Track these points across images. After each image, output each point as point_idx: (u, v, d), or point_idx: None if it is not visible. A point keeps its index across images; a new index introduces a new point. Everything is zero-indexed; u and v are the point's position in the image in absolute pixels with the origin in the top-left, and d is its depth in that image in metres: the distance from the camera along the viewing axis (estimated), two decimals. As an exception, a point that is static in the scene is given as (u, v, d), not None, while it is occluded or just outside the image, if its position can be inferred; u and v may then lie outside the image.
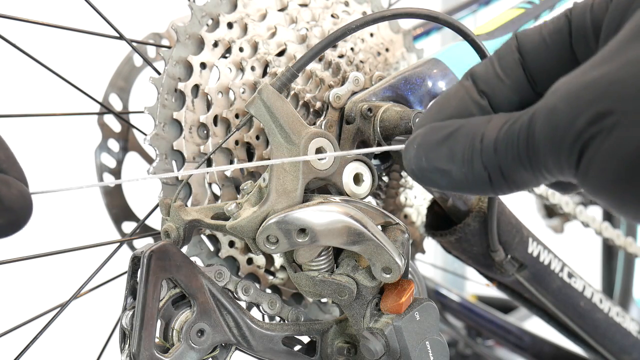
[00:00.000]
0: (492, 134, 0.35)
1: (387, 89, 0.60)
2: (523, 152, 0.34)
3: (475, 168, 0.36)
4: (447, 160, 0.37)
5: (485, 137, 0.35)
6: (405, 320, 0.53)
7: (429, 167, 0.38)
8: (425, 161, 0.38)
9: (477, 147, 0.36)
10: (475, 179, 0.36)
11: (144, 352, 0.50)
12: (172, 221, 0.56)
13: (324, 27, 0.66)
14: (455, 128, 0.37)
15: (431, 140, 0.38)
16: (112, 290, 0.66)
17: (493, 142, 0.35)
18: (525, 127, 0.34)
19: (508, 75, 0.39)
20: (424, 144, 0.38)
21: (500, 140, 0.35)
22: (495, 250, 0.65)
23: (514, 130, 0.34)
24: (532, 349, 1.08)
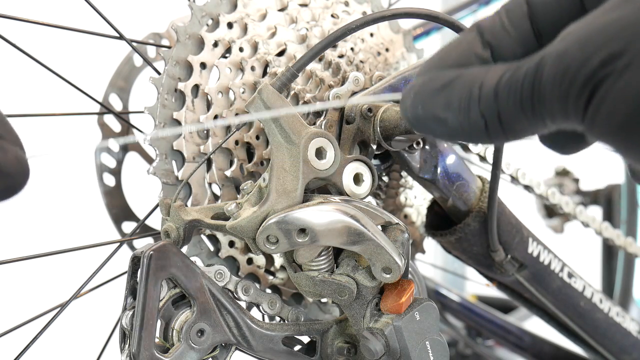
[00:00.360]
0: (493, 81, 0.35)
1: (387, 89, 0.60)
2: (527, 97, 0.34)
3: (472, 116, 0.36)
4: (443, 108, 0.37)
5: (485, 84, 0.35)
6: (405, 320, 0.53)
7: (426, 115, 0.38)
8: (422, 109, 0.38)
9: (475, 94, 0.35)
10: (472, 127, 0.36)
11: (144, 352, 0.50)
12: (172, 221, 0.56)
13: (324, 27, 0.66)
14: (454, 76, 0.37)
15: (429, 89, 0.38)
16: (112, 290, 0.66)
17: (493, 88, 0.35)
18: (532, 72, 0.33)
19: (515, 27, 0.39)
20: (421, 92, 0.38)
21: (502, 86, 0.35)
22: (495, 250, 0.65)
23: (519, 76, 0.34)
24: (532, 349, 1.08)
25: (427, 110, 0.37)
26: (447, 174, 0.63)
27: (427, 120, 0.38)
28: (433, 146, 0.63)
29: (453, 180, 0.64)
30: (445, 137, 0.39)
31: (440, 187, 0.63)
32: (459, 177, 0.64)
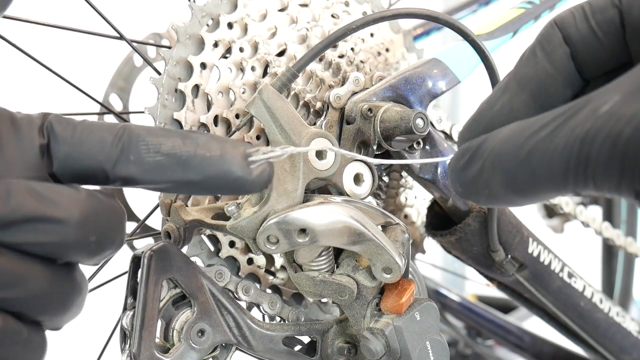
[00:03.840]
0: (509, 150, 0.34)
1: (388, 89, 0.60)
2: (567, 170, 0.32)
3: (494, 188, 0.35)
4: (472, 184, 0.36)
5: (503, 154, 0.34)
6: (406, 320, 0.53)
7: (465, 192, 0.38)
8: (460, 186, 0.38)
9: (491, 166, 0.35)
10: (498, 197, 0.36)
11: (144, 352, 0.50)
12: (173, 221, 0.56)
13: (324, 27, 0.66)
14: (474, 149, 0.36)
15: (458, 167, 0.37)
16: (112, 290, 0.66)
17: (513, 159, 0.34)
18: (576, 146, 0.32)
19: (560, 71, 0.38)
20: (454, 170, 0.38)
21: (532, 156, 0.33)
22: (495, 250, 0.65)
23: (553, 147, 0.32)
24: (532, 349, 1.08)
25: (463, 187, 0.37)
26: (447, 174, 0.63)
27: (467, 195, 0.38)
28: (433, 146, 0.63)
29: (453, 180, 0.63)
30: (491, 205, 0.39)
31: (441, 187, 0.63)
32: (459, 177, 0.64)
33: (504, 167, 0.34)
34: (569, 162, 0.32)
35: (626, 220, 1.26)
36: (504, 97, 0.39)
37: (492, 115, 0.39)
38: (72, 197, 0.38)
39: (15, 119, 0.39)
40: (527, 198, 0.35)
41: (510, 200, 0.36)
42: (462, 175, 0.37)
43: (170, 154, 0.40)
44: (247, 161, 0.41)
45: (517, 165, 0.34)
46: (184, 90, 0.59)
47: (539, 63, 0.38)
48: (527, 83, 0.38)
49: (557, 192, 0.34)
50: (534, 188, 0.34)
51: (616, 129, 0.30)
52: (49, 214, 0.37)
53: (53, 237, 0.37)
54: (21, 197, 0.36)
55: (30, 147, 0.39)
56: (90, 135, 0.40)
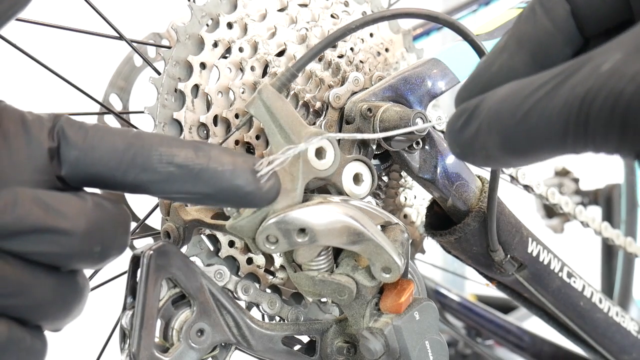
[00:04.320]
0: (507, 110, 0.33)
1: (387, 89, 0.60)
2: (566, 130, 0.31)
3: (491, 149, 0.34)
4: (469, 145, 0.36)
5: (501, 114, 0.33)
6: (405, 320, 0.53)
7: (462, 153, 0.37)
8: (457, 147, 0.37)
9: (488, 126, 0.34)
10: (495, 158, 0.35)
11: (143, 352, 0.50)
12: (172, 221, 0.56)
13: (324, 27, 0.66)
14: (471, 109, 0.35)
15: (455, 127, 0.36)
16: (112, 290, 0.66)
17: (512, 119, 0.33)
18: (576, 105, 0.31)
19: (560, 29, 0.37)
20: (451, 132, 0.37)
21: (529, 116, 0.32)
22: (495, 250, 0.65)
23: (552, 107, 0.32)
24: (532, 349, 1.08)
25: (460, 148, 0.36)
26: (447, 174, 0.63)
27: (465, 156, 0.37)
28: (433, 146, 0.63)
29: (452, 180, 0.64)
30: (488, 166, 0.38)
31: (440, 187, 0.63)
32: (458, 177, 0.64)
33: (500, 128, 0.34)
34: (568, 121, 0.31)
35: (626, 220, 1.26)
36: (503, 56, 0.38)
37: (490, 75, 0.38)
38: (78, 207, 0.38)
39: (26, 121, 0.39)
40: (523, 159, 0.34)
41: (507, 162, 0.35)
42: (459, 137, 0.36)
43: (182, 165, 0.41)
44: (256, 175, 0.42)
45: (514, 125, 0.33)
46: (183, 90, 0.59)
47: (538, 21, 0.37)
48: (526, 41, 0.37)
49: (556, 152, 0.33)
50: (532, 148, 0.33)
51: (617, 88, 0.30)
52: (55, 225, 0.37)
53: (58, 248, 0.37)
54: (28, 207, 0.36)
55: (39, 150, 0.39)
56: (102, 141, 0.40)
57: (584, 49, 0.38)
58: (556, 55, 0.37)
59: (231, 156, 0.43)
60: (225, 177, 0.42)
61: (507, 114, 0.33)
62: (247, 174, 0.43)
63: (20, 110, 0.40)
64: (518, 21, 0.38)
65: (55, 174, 0.39)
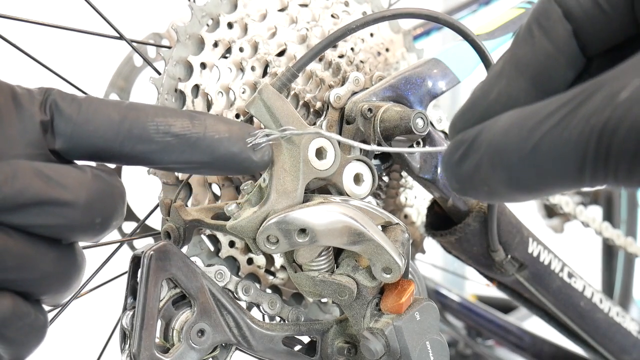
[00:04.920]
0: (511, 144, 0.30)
1: (388, 89, 0.60)
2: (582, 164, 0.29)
3: (494, 185, 0.32)
4: (469, 180, 0.33)
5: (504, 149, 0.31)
6: (406, 320, 0.53)
7: (462, 188, 0.34)
8: (456, 182, 0.34)
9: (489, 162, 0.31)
10: (500, 194, 0.32)
11: (144, 352, 0.50)
12: (172, 221, 0.56)
13: (324, 27, 0.66)
14: (469, 142, 0.33)
15: (452, 161, 0.34)
16: (112, 290, 0.66)
17: (517, 154, 0.30)
18: (594, 137, 0.28)
19: (562, 51, 0.34)
20: (447, 166, 0.34)
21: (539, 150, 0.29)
22: (495, 250, 0.65)
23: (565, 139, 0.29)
24: (532, 349, 1.08)
25: (459, 183, 0.34)
26: (447, 174, 0.63)
27: (465, 191, 0.34)
28: (433, 146, 0.63)
29: (453, 180, 0.63)
30: (491, 201, 0.35)
31: (440, 187, 0.63)
32: (459, 177, 0.64)
33: (505, 163, 0.31)
34: (585, 155, 0.28)
35: (626, 220, 1.26)
36: (501, 83, 0.35)
37: (488, 103, 0.35)
38: (78, 178, 0.37)
39: (16, 94, 0.38)
40: (532, 195, 0.32)
41: (513, 198, 0.32)
42: (457, 170, 0.33)
43: (179, 135, 0.40)
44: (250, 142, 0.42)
45: (521, 160, 0.30)
46: (184, 90, 0.59)
47: (537, 43, 0.34)
48: (525, 66, 0.35)
49: (569, 187, 0.30)
50: (542, 184, 0.31)
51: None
52: (57, 196, 0.36)
53: (60, 220, 0.37)
54: (28, 179, 0.36)
55: (32, 123, 0.38)
56: (96, 113, 0.39)
57: (586, 69, 0.36)
58: (558, 79, 0.34)
59: (227, 124, 0.43)
60: (222, 145, 0.42)
61: (512, 147, 0.31)
62: (243, 140, 0.43)
63: (9, 84, 0.39)
64: (515, 43, 0.36)
65: (48, 148, 0.39)
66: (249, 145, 0.43)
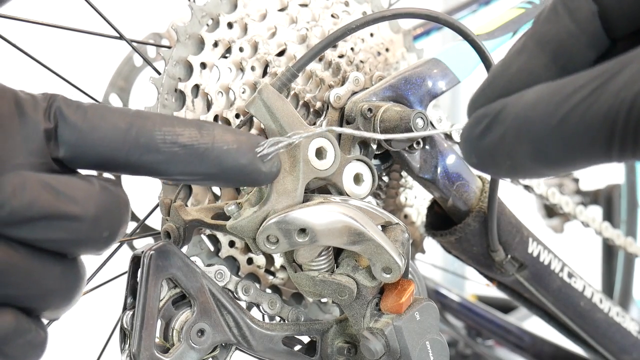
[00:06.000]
0: (537, 117, 0.30)
1: (387, 89, 0.60)
2: (609, 139, 0.29)
3: (519, 159, 0.32)
4: (491, 155, 0.33)
5: (530, 122, 0.31)
6: (406, 320, 0.53)
7: (481, 163, 0.34)
8: (475, 157, 0.34)
9: (515, 135, 0.31)
10: (522, 169, 0.32)
11: (144, 352, 0.50)
12: (172, 221, 0.56)
13: (324, 27, 0.66)
14: (493, 116, 0.32)
15: (473, 135, 0.33)
16: (112, 290, 0.66)
17: (544, 127, 0.30)
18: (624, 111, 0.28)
19: (584, 31, 0.33)
20: (468, 140, 0.34)
21: (566, 124, 0.29)
22: (495, 250, 0.65)
23: (593, 114, 0.29)
24: (532, 349, 1.08)
25: (479, 157, 0.34)
26: (447, 174, 0.63)
27: (484, 167, 0.34)
28: (433, 146, 0.63)
29: (453, 180, 0.64)
30: (509, 177, 0.35)
31: (440, 187, 0.63)
32: (459, 177, 0.64)
33: (532, 135, 0.31)
34: (614, 129, 0.28)
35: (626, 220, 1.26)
36: (521, 59, 0.35)
37: (508, 78, 0.35)
38: (87, 191, 0.37)
39: (19, 100, 0.37)
40: (557, 168, 0.32)
41: (538, 172, 0.32)
42: (478, 145, 0.33)
43: (187, 145, 0.39)
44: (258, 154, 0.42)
45: (548, 133, 0.30)
46: (183, 90, 0.59)
47: (560, 21, 0.34)
48: (546, 43, 0.34)
49: (596, 161, 0.30)
50: (568, 158, 0.30)
51: None
52: (66, 210, 0.35)
53: (68, 234, 0.36)
54: (37, 192, 0.35)
55: (35, 131, 0.37)
56: (102, 121, 0.38)
57: (610, 51, 0.35)
58: (579, 58, 0.34)
59: (234, 135, 0.41)
60: (230, 156, 0.40)
61: (540, 120, 0.31)
62: (251, 152, 0.42)
63: (12, 89, 0.37)
64: (537, 21, 0.36)
65: (51, 157, 0.37)
66: (258, 156, 0.42)
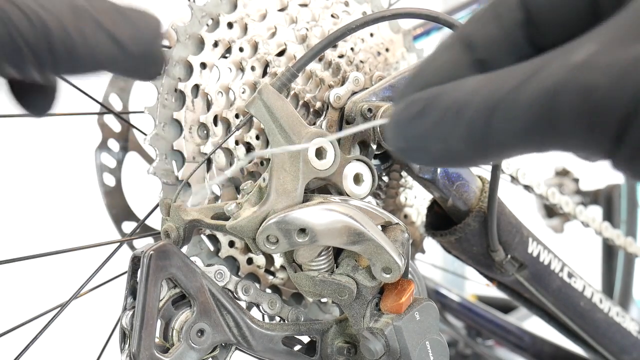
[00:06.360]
0: (477, 102, 0.31)
1: (387, 89, 0.60)
2: (535, 125, 0.30)
3: (453, 143, 0.32)
4: (422, 138, 0.33)
5: (469, 107, 0.31)
6: (405, 320, 0.53)
7: (409, 147, 0.34)
8: (404, 141, 0.34)
9: (454, 118, 0.32)
10: (453, 154, 0.33)
11: (144, 352, 0.50)
12: (172, 221, 0.56)
13: (324, 27, 0.66)
14: (428, 100, 0.33)
15: (405, 117, 0.34)
16: (112, 290, 0.66)
17: (482, 112, 0.31)
18: (544, 99, 0.29)
19: (507, 38, 0.35)
20: (399, 123, 0.34)
21: (499, 110, 0.30)
22: (495, 250, 0.65)
23: (521, 101, 0.30)
24: (532, 349, 1.08)
25: (408, 141, 0.34)
26: (447, 174, 0.63)
27: (411, 152, 0.34)
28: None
29: (453, 180, 0.64)
30: (433, 164, 0.36)
31: (440, 187, 0.63)
32: (458, 177, 0.64)
33: (470, 120, 0.31)
34: (536, 117, 0.29)
35: (626, 220, 1.26)
36: (448, 54, 0.36)
37: (434, 71, 0.36)
38: None
39: None
40: (488, 156, 0.32)
41: (469, 158, 0.33)
42: (409, 129, 0.33)
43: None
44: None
45: (483, 118, 0.31)
46: (183, 90, 0.59)
47: (486, 25, 0.36)
48: (471, 43, 0.35)
49: (524, 148, 0.31)
50: (498, 145, 0.31)
51: (590, 81, 0.28)
52: None
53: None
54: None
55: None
56: None
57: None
58: (498, 64, 0.35)
59: None
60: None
61: (478, 105, 0.31)
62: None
63: None
64: (469, 21, 0.37)
65: None
66: None
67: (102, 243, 0.64)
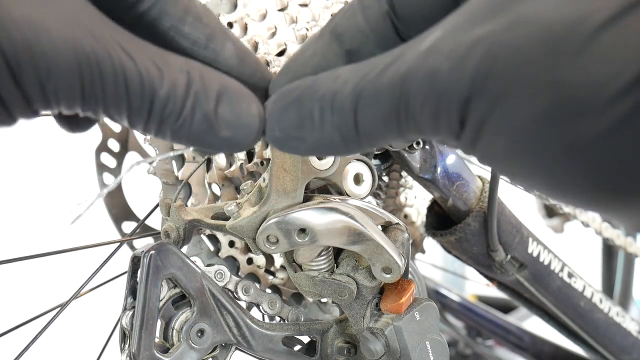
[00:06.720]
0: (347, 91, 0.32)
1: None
2: (392, 111, 0.31)
3: (327, 131, 0.33)
4: (297, 127, 0.34)
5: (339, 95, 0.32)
6: (406, 320, 0.53)
7: (284, 137, 0.35)
8: (279, 131, 0.35)
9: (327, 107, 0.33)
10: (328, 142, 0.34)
11: (144, 352, 0.50)
12: (172, 221, 0.56)
13: (324, 27, 0.66)
14: (302, 90, 0.34)
15: (279, 107, 0.35)
16: (112, 290, 0.66)
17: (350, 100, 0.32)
18: (397, 85, 0.30)
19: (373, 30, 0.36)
20: (273, 113, 0.35)
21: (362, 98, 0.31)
22: (495, 250, 0.65)
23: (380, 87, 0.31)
24: (532, 349, 1.08)
25: (283, 131, 0.35)
26: (447, 174, 0.63)
27: (287, 141, 0.35)
28: (433, 146, 0.63)
29: (453, 180, 0.64)
30: (309, 153, 0.36)
31: (440, 187, 0.63)
32: (458, 177, 0.64)
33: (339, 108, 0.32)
34: (392, 103, 0.31)
35: (626, 220, 1.26)
36: (317, 45, 0.37)
37: (304, 61, 0.37)
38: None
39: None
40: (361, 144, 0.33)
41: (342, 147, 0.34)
42: (284, 119, 0.34)
43: None
44: None
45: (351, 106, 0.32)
46: (183, 90, 0.59)
47: (354, 17, 0.36)
48: (340, 35, 0.37)
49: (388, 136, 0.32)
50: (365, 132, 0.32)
51: (434, 65, 0.29)
52: None
53: None
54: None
55: None
56: None
57: None
58: (366, 54, 0.36)
59: None
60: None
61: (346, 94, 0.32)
62: None
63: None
64: (338, 12, 0.38)
65: None
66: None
67: (102, 243, 0.64)
